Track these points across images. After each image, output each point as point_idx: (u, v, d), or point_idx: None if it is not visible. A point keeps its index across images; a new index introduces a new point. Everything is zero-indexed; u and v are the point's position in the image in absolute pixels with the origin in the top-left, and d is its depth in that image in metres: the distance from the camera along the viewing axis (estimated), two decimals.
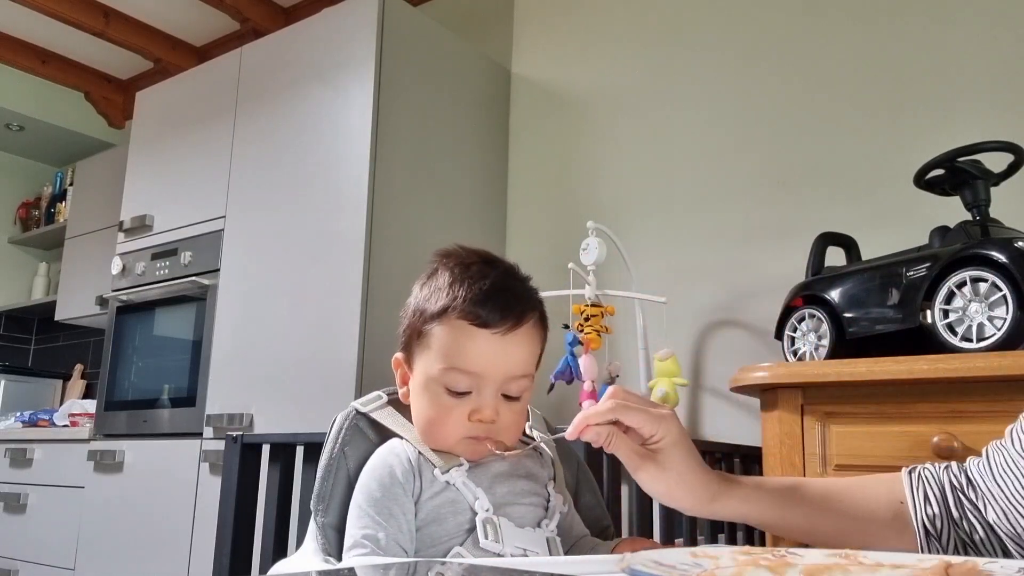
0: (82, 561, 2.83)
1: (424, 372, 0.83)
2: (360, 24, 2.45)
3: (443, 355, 0.81)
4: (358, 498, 0.81)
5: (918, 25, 2.11)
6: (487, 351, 0.80)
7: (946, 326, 1.41)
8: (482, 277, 0.82)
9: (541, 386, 2.04)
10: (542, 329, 0.87)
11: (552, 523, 0.84)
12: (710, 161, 2.38)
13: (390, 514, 0.78)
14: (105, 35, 3.61)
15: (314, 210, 2.42)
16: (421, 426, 0.84)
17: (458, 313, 0.81)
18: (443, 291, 0.82)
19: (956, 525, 0.75)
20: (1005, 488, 0.73)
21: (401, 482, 0.80)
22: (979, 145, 1.51)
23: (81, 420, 3.25)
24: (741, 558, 0.53)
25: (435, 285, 0.84)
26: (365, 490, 0.81)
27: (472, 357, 0.80)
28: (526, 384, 0.84)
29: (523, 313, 0.83)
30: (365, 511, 0.79)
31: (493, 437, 0.82)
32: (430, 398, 0.83)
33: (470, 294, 0.81)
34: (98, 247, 3.62)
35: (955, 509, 0.75)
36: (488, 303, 0.81)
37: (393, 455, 0.83)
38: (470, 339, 0.80)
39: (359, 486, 0.82)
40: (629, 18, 2.65)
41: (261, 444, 1.60)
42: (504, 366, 0.81)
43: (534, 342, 0.86)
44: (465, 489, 0.81)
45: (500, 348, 0.81)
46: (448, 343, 0.81)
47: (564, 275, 2.04)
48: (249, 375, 2.46)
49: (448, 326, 0.81)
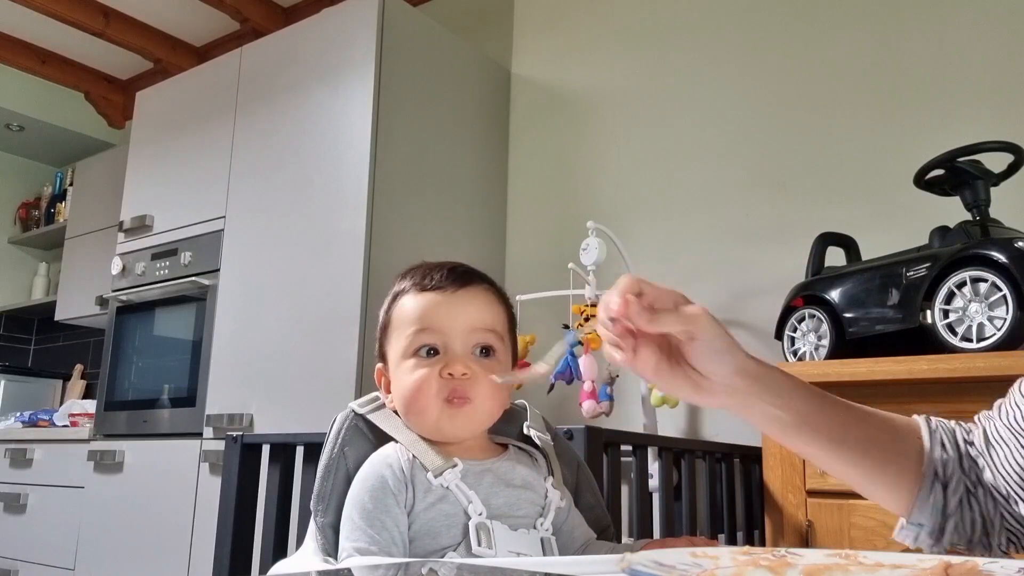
0: (82, 561, 2.82)
1: (396, 350, 0.88)
2: (360, 24, 2.45)
3: (406, 323, 0.87)
4: (350, 510, 0.81)
5: (918, 25, 2.11)
6: (442, 307, 0.87)
7: (946, 326, 1.41)
8: (427, 265, 0.91)
9: (541, 386, 2.04)
10: (500, 299, 0.92)
11: (547, 521, 0.84)
12: (710, 161, 2.38)
13: (382, 526, 0.79)
14: (105, 35, 3.61)
15: (314, 210, 2.42)
16: (403, 400, 0.86)
17: (410, 288, 0.89)
18: (396, 286, 0.91)
19: (965, 474, 0.75)
20: (996, 456, 0.74)
21: (393, 492, 0.80)
22: (979, 145, 1.51)
23: (81, 420, 3.25)
24: (741, 558, 0.53)
25: (391, 291, 0.93)
26: (357, 502, 0.81)
27: (431, 316, 0.86)
28: (494, 340, 0.87)
29: (470, 277, 0.89)
30: (357, 524, 0.79)
31: (468, 395, 0.83)
32: (405, 369, 0.86)
33: (418, 274, 0.90)
34: (98, 247, 3.62)
35: (965, 460, 0.76)
36: (433, 274, 0.88)
37: (385, 465, 0.82)
38: (425, 301, 0.87)
39: (351, 497, 0.82)
40: (629, 18, 2.65)
41: (261, 444, 1.60)
42: (463, 317, 0.86)
43: (492, 303, 0.90)
44: (458, 492, 0.81)
45: (454, 303, 0.87)
46: (407, 312, 0.88)
47: (564, 275, 2.04)
48: (249, 375, 2.46)
49: (403, 301, 0.89)
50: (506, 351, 0.89)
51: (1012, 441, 0.74)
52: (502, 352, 0.88)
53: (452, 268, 0.89)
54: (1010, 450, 0.73)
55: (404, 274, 0.92)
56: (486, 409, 0.86)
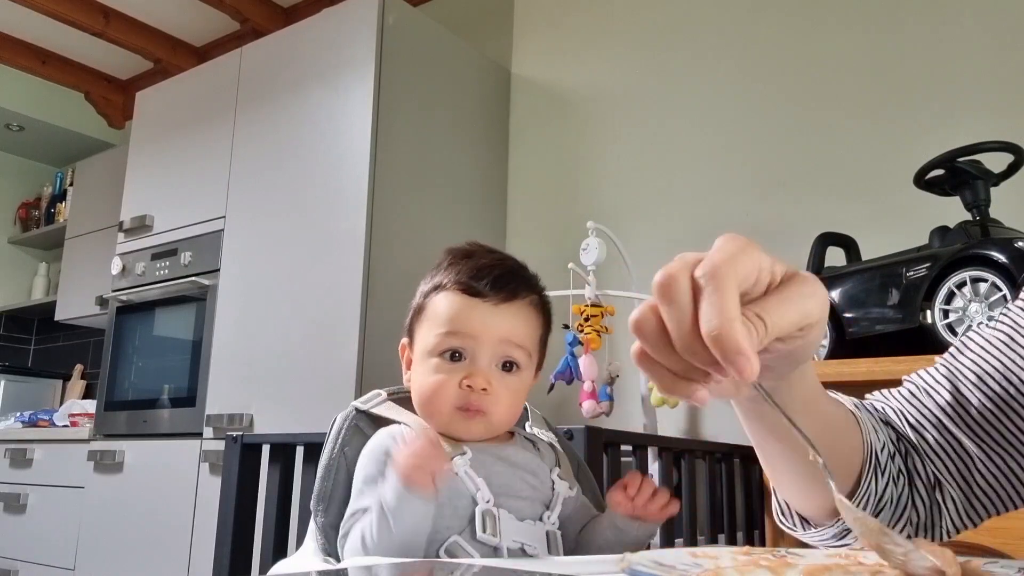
0: (82, 561, 2.82)
1: (423, 344, 0.86)
2: (360, 24, 2.45)
3: (438, 322, 0.85)
4: (356, 480, 0.82)
5: (918, 25, 2.11)
6: (479, 316, 0.84)
7: (946, 326, 1.41)
8: (479, 258, 0.87)
9: (541, 386, 2.04)
10: (541, 312, 0.89)
11: (554, 514, 0.84)
12: (710, 161, 2.38)
13: None
14: (105, 35, 3.61)
15: (314, 210, 2.42)
16: (419, 398, 0.86)
17: (453, 286, 0.85)
18: (442, 270, 0.88)
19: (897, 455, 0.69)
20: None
21: None
22: (979, 145, 1.51)
23: (81, 420, 3.25)
24: (741, 558, 0.53)
25: (437, 269, 0.89)
26: (363, 470, 0.82)
27: (464, 320, 0.84)
28: (521, 356, 0.86)
29: (516, 289, 0.86)
30: (361, 490, 0.81)
31: (484, 409, 0.83)
32: (427, 367, 0.85)
33: (465, 269, 0.86)
34: (98, 247, 3.62)
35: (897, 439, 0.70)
36: (482, 277, 0.85)
37: (390, 437, 0.83)
38: (464, 306, 0.84)
39: (358, 468, 0.83)
40: (629, 18, 2.65)
41: (261, 444, 1.60)
42: (496, 330, 0.84)
43: (530, 319, 0.88)
44: (467, 478, 0.81)
45: (492, 314, 0.84)
46: (443, 310, 0.85)
47: (564, 275, 2.04)
48: (249, 375, 2.46)
49: (443, 297, 0.86)
50: (531, 364, 0.88)
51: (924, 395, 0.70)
52: (527, 367, 0.87)
53: (501, 275, 0.86)
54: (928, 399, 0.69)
55: (453, 259, 0.88)
56: (500, 422, 0.85)
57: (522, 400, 0.88)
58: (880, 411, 0.73)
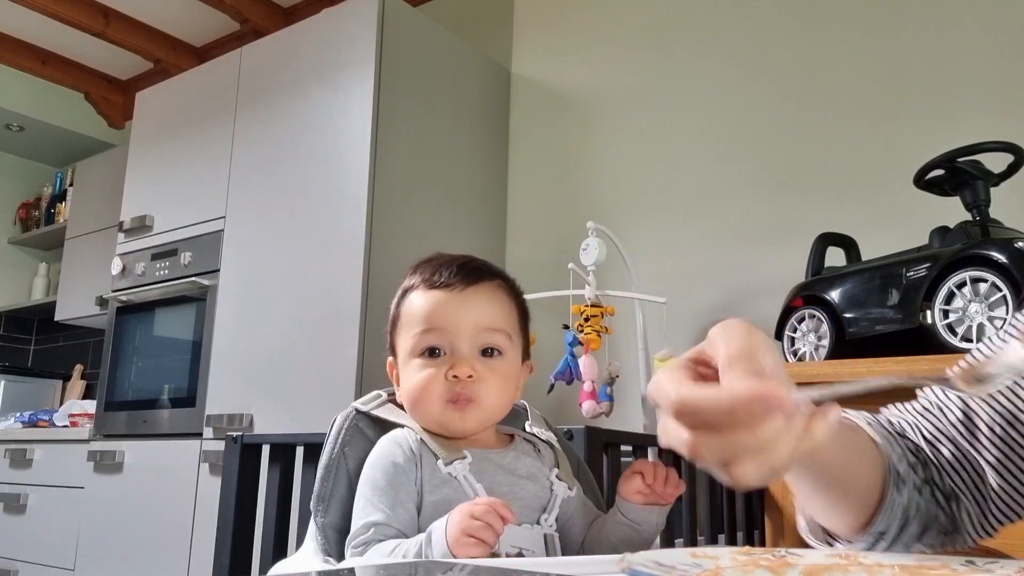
0: (82, 561, 2.82)
1: (404, 349, 0.88)
2: (360, 24, 2.45)
3: (413, 323, 0.87)
4: (363, 489, 0.82)
5: (918, 26, 2.11)
6: (449, 306, 0.86)
7: (946, 326, 1.41)
8: (441, 258, 0.91)
9: (541, 386, 2.04)
10: (510, 295, 0.91)
11: (551, 517, 0.84)
12: (710, 161, 2.38)
13: (395, 501, 0.80)
14: (105, 35, 3.61)
15: (314, 210, 2.42)
16: (408, 399, 0.87)
17: (420, 285, 0.89)
18: (407, 280, 0.91)
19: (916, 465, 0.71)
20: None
21: (404, 469, 0.81)
22: (979, 145, 1.51)
23: (81, 420, 3.25)
24: (741, 558, 0.53)
25: (405, 280, 0.93)
26: (369, 480, 0.82)
27: (437, 315, 0.86)
28: (501, 340, 0.87)
29: (480, 273, 0.89)
30: (370, 500, 0.81)
31: (473, 397, 0.84)
32: (412, 369, 0.86)
33: (429, 268, 0.89)
34: (98, 247, 3.62)
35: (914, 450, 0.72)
36: (442, 271, 0.88)
37: (395, 444, 0.84)
38: (432, 300, 0.87)
39: (364, 477, 0.83)
40: (629, 18, 2.65)
41: (261, 444, 1.60)
42: (469, 317, 0.86)
43: (502, 301, 0.89)
44: (466, 484, 0.81)
45: (460, 302, 0.86)
46: (415, 310, 0.88)
47: (564, 275, 2.04)
48: (249, 375, 2.46)
49: (413, 298, 0.89)
50: (515, 349, 0.89)
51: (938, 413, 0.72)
52: (510, 351, 0.88)
53: (462, 264, 0.89)
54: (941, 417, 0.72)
55: (416, 267, 0.91)
56: (492, 407, 0.86)
57: (512, 384, 0.89)
58: (896, 425, 0.74)
